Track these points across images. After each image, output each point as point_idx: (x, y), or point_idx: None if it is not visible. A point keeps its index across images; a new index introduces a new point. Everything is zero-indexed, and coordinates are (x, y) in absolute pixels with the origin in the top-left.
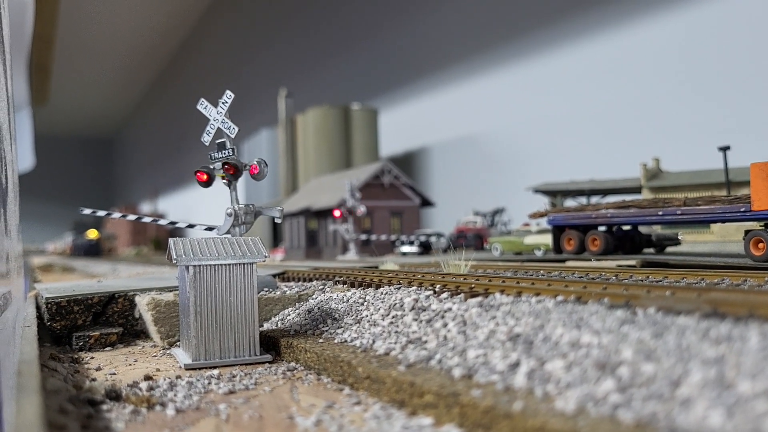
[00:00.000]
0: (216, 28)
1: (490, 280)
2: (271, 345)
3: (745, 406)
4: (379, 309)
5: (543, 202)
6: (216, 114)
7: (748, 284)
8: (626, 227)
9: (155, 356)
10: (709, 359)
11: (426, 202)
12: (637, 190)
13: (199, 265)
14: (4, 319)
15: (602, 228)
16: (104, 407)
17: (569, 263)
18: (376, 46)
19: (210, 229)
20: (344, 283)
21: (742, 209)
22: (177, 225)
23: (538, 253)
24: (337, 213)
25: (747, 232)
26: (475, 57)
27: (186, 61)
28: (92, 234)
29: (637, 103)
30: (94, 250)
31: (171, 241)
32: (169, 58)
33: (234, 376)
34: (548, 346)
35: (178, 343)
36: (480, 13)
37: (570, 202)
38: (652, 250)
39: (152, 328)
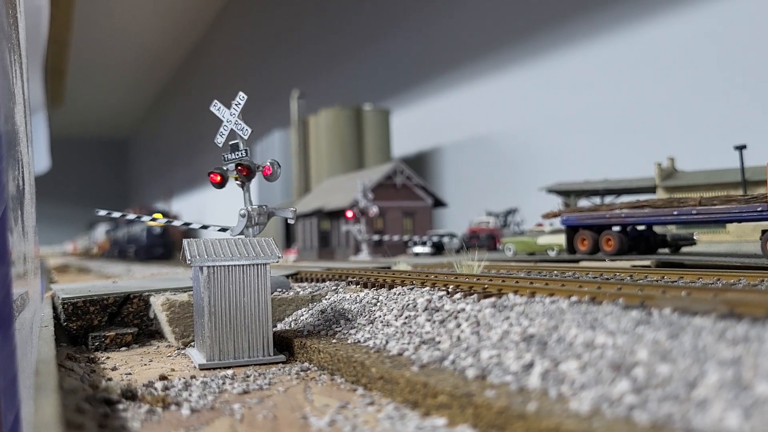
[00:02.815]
0: (229, 30)
1: (503, 281)
2: (285, 345)
3: (763, 407)
4: (392, 309)
5: (556, 202)
6: (229, 115)
7: (765, 285)
8: (641, 227)
9: (170, 356)
10: (726, 360)
11: (438, 203)
12: (652, 189)
13: (213, 266)
14: (22, 320)
15: (616, 228)
16: (120, 407)
17: (583, 263)
18: (387, 46)
19: (223, 230)
20: (357, 283)
21: (759, 209)
22: (191, 226)
23: (552, 254)
24: (349, 214)
25: (764, 231)
26: (487, 56)
27: (199, 62)
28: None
29: (651, 102)
30: (159, 248)
31: (185, 242)
32: (183, 60)
33: (248, 376)
34: (562, 346)
35: (192, 344)
36: (492, 12)
37: (584, 202)
38: (667, 250)
39: (167, 329)
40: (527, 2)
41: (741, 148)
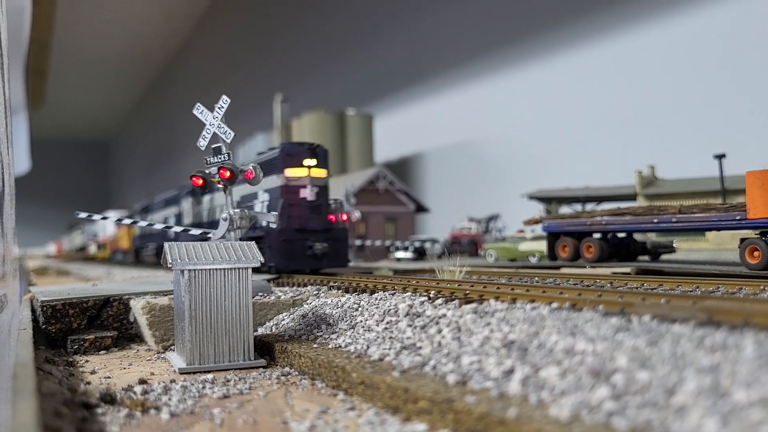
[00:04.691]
0: (212, 33)
1: (484, 287)
2: (266, 350)
3: (741, 414)
4: (373, 314)
5: (538, 209)
6: (212, 119)
7: (743, 293)
8: (621, 234)
9: (150, 360)
10: (704, 367)
11: (421, 208)
12: (633, 197)
13: (195, 270)
14: (0, 322)
15: (597, 235)
16: (99, 410)
17: (564, 270)
18: (371, 51)
19: (205, 233)
20: (339, 288)
21: (738, 217)
22: (172, 229)
23: (533, 260)
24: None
25: (742, 240)
26: (470, 63)
27: (182, 65)
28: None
29: (632, 110)
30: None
31: (167, 245)
32: (166, 62)
33: (228, 381)
34: (543, 353)
35: (172, 347)
36: (475, 19)
37: (565, 209)
38: (647, 257)
39: (147, 332)
40: (509, 10)
41: (720, 157)
